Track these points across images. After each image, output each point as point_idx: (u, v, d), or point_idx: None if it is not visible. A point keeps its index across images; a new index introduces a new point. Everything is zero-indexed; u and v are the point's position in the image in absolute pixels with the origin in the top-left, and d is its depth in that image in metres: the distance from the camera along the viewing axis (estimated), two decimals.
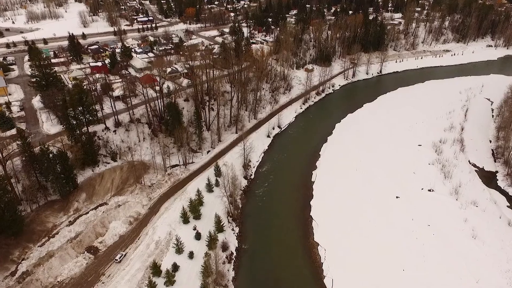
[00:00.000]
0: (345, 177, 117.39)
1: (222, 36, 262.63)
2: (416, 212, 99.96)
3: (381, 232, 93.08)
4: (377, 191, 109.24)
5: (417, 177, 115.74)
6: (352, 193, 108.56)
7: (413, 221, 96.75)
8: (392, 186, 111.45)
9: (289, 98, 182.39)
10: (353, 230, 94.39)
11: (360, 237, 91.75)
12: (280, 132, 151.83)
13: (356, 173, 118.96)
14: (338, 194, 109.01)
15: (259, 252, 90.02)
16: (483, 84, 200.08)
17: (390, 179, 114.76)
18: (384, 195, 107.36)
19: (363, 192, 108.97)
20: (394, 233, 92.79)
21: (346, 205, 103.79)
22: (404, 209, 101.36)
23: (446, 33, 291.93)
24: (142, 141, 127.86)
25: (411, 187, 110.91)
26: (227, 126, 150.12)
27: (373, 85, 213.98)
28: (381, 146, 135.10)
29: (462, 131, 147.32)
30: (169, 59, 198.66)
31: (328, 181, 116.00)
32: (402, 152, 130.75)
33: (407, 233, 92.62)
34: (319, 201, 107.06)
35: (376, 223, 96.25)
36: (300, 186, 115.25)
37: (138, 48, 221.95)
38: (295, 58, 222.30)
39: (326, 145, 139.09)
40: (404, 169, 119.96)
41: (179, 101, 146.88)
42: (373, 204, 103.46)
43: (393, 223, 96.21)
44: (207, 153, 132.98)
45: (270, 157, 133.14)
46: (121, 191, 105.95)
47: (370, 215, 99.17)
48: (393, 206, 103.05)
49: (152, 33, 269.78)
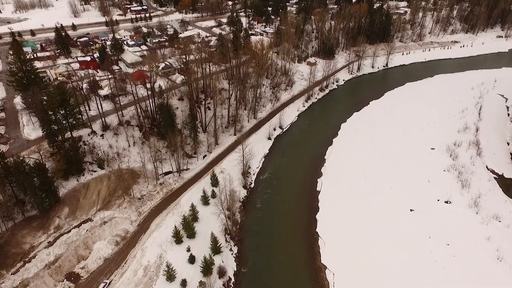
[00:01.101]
0: (353, 186, 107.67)
1: (220, 26, 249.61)
2: (433, 228, 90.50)
3: (395, 253, 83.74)
4: (389, 203, 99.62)
5: (432, 186, 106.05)
6: (362, 206, 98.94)
7: (431, 239, 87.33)
8: (405, 197, 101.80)
9: (291, 94, 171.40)
10: (365, 250, 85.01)
11: (373, 259, 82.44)
12: (281, 133, 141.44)
13: (365, 182, 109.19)
14: (346, 206, 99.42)
15: (260, 277, 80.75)
16: (495, 79, 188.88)
17: (403, 189, 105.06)
18: (397, 208, 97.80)
19: (373, 204, 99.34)
20: (410, 254, 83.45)
21: (356, 219, 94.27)
22: (420, 224, 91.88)
23: (454, 23, 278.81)
24: (132, 146, 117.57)
25: (426, 198, 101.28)
26: (225, 127, 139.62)
27: (379, 79, 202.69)
28: (391, 150, 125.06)
29: (477, 132, 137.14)
30: (163, 53, 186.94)
31: (334, 190, 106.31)
32: (414, 157, 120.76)
33: (425, 254, 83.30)
34: (326, 214, 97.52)
35: (389, 242, 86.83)
36: (304, 196, 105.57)
37: (130, 40, 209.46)
38: (296, 50, 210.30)
39: (331, 149, 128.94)
40: (418, 177, 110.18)
41: (173, 100, 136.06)
42: (386, 219, 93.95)
43: (408, 242, 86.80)
44: (203, 158, 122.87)
45: (271, 162, 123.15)
46: (107, 205, 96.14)
47: (383, 232, 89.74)
48: (407, 221, 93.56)
49: (146, 23, 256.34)
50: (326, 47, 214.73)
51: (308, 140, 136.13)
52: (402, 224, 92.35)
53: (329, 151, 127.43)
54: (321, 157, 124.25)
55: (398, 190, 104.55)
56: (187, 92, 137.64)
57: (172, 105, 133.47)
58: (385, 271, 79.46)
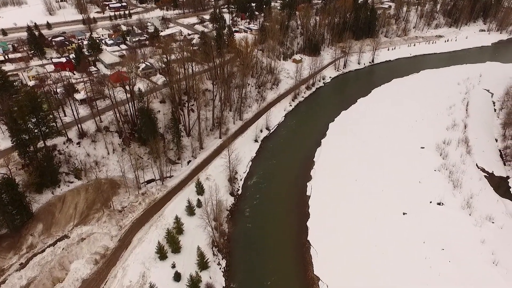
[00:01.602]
0: (344, 189, 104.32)
1: (202, 24, 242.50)
2: (427, 232, 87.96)
3: (390, 261, 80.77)
4: (381, 206, 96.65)
5: (424, 188, 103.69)
6: (354, 210, 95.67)
7: (425, 244, 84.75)
8: (398, 199, 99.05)
9: (277, 94, 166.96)
10: (358, 259, 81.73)
11: (367, 268, 79.23)
12: (268, 134, 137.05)
13: (356, 184, 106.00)
14: (337, 211, 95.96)
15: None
16: (480, 74, 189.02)
17: (394, 191, 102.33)
18: (389, 211, 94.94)
19: (365, 208, 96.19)
20: (405, 261, 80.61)
21: (348, 226, 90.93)
22: (414, 229, 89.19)
23: (438, 17, 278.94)
24: (112, 154, 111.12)
25: (418, 200, 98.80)
26: (210, 130, 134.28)
27: (366, 76, 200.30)
28: (380, 149, 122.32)
29: (465, 129, 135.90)
30: (143, 52, 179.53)
31: (325, 195, 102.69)
32: (404, 156, 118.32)
33: (420, 261, 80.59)
34: (317, 221, 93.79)
35: (384, 249, 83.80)
36: (294, 202, 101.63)
37: (108, 39, 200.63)
38: (281, 48, 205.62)
39: (320, 150, 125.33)
40: (409, 178, 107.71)
41: (154, 103, 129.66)
42: (379, 224, 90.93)
43: (403, 248, 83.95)
44: (188, 164, 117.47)
45: (259, 166, 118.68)
46: (86, 219, 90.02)
47: (377, 238, 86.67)
48: (401, 225, 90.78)
49: (125, 21, 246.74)
50: (311, 44, 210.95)
51: (296, 141, 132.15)
52: (395, 229, 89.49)
53: (318, 153, 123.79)
54: (309, 159, 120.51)
55: (389, 192, 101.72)
56: (169, 94, 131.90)
57: (153, 109, 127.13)
58: (380, 281, 76.37)
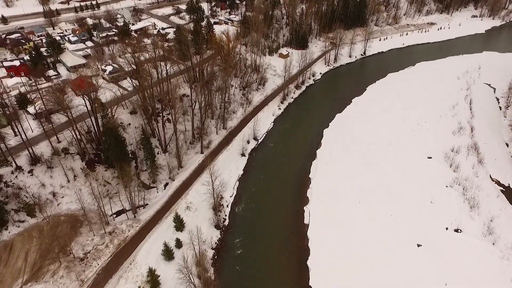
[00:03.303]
0: (346, 215, 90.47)
1: (178, 14, 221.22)
2: (448, 270, 75.37)
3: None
4: (391, 236, 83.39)
5: (437, 209, 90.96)
6: (360, 243, 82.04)
7: (447, 286, 72.16)
8: (409, 226, 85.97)
9: (264, 95, 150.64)
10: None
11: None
12: (257, 145, 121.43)
13: (359, 208, 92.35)
14: (342, 246, 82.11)
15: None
16: (479, 65, 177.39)
17: (405, 215, 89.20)
18: (402, 243, 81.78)
19: (374, 239, 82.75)
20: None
21: (355, 264, 77.33)
22: (431, 265, 76.45)
23: (429, 3, 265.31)
24: (73, 181, 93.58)
25: (433, 227, 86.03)
26: (190, 143, 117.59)
27: (358, 71, 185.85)
28: (383, 162, 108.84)
29: (472, 132, 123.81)
30: (112, 50, 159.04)
31: (326, 223, 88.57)
32: (410, 169, 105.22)
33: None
34: (318, 259, 79.75)
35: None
36: (291, 234, 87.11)
37: (72, 35, 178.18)
38: (266, 41, 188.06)
39: (316, 164, 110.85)
40: (419, 198, 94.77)
41: (123, 114, 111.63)
42: (390, 259, 77.75)
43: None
44: (165, 187, 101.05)
45: (247, 186, 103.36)
46: (38, 273, 73.25)
47: (389, 277, 73.55)
48: (416, 260, 77.79)
49: (92, 13, 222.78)
50: (298, 36, 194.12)
51: (288, 153, 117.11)
52: (410, 266, 76.55)
53: (314, 168, 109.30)
54: (305, 176, 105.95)
55: (399, 218, 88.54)
56: (141, 103, 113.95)
57: (122, 123, 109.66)
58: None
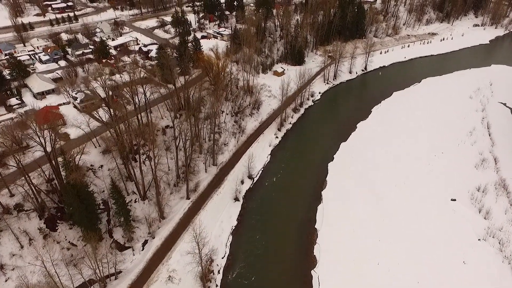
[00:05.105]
0: (364, 281, 74.24)
1: (163, 28, 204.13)
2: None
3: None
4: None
5: (472, 272, 75.31)
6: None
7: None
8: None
9: (259, 121, 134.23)
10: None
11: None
12: (252, 185, 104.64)
13: (378, 271, 76.21)
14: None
15: None
16: (491, 82, 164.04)
17: (434, 283, 73.30)
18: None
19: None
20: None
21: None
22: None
23: (428, 12, 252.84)
24: (27, 247, 75.80)
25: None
26: (174, 186, 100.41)
27: (361, 88, 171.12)
28: (401, 208, 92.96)
29: (496, 164, 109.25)
30: (87, 71, 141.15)
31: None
32: (433, 216, 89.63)
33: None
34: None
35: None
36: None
37: (44, 54, 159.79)
38: (259, 56, 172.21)
39: (322, 209, 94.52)
40: (448, 256, 79.04)
41: (91, 155, 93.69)
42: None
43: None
44: (143, 247, 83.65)
45: (242, 241, 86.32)
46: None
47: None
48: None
49: (69, 26, 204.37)
50: (294, 50, 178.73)
51: (289, 195, 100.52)
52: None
53: (320, 214, 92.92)
54: (310, 227, 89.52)
55: (425, 282, 72.61)
56: (115, 140, 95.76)
57: (93, 165, 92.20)
58: None
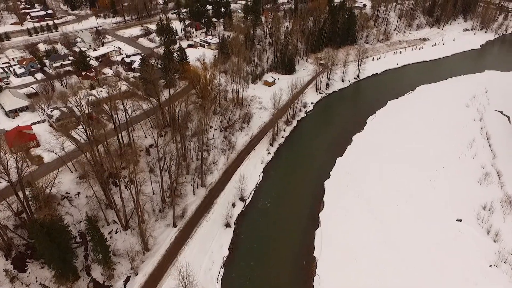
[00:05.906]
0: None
1: (147, 36, 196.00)
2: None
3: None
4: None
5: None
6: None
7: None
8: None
9: (250, 135, 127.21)
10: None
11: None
12: (244, 209, 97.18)
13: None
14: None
15: None
16: (486, 89, 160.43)
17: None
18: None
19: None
20: None
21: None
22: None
23: (418, 16, 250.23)
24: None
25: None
26: (159, 212, 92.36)
27: (354, 98, 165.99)
28: (404, 231, 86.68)
29: (500, 179, 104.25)
30: (65, 85, 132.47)
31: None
32: (439, 240, 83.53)
33: None
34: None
35: None
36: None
37: (19, 66, 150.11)
38: (249, 66, 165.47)
39: (321, 234, 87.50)
40: (458, 285, 72.91)
41: (69, 183, 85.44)
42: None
43: None
44: (124, 286, 75.29)
45: (234, 277, 78.53)
46: None
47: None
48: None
49: (48, 36, 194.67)
50: (284, 58, 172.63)
51: (283, 219, 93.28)
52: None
53: (319, 240, 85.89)
54: (308, 254, 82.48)
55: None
56: (92, 166, 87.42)
57: (68, 193, 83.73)
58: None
